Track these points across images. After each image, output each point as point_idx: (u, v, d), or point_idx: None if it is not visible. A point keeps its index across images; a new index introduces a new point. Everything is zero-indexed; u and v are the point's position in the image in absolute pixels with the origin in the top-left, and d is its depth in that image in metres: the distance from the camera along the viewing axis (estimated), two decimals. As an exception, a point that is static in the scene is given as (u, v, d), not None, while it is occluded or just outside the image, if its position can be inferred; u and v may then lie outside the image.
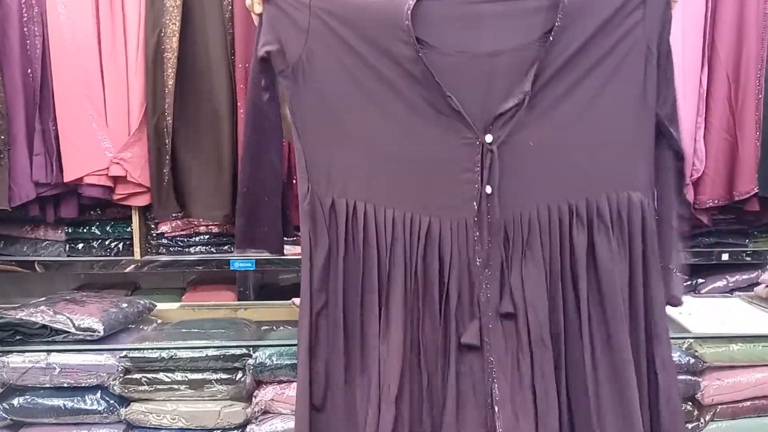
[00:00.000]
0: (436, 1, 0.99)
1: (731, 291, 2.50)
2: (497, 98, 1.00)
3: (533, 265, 1.02)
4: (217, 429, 1.63)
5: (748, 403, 1.69)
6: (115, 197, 2.44)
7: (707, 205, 2.45)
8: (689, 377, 1.65)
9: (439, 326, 1.04)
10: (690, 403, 1.67)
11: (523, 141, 1.01)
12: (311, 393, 1.08)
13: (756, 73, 2.37)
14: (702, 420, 1.67)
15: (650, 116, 1.07)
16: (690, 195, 2.43)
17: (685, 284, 2.64)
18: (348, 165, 1.06)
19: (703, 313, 1.82)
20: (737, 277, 2.58)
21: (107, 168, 2.37)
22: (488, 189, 1.01)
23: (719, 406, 1.68)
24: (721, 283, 2.59)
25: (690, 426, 1.67)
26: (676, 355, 1.63)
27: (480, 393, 1.03)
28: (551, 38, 0.97)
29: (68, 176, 2.36)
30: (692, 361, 1.64)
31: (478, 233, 1.03)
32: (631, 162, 1.05)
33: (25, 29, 2.26)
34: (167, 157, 2.36)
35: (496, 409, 1.02)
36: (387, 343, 1.04)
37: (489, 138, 1.00)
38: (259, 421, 1.66)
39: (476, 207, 1.02)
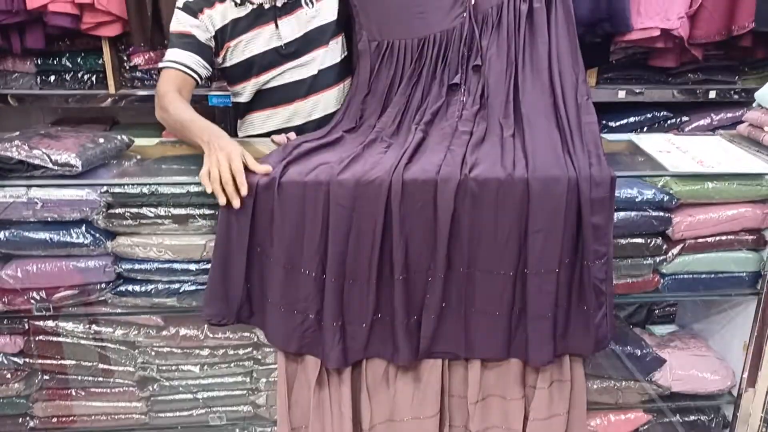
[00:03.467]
0: None
1: (715, 129, 2.51)
2: None
3: (496, 38, 1.77)
4: (203, 261, 1.68)
5: (716, 238, 1.75)
6: (83, 26, 2.32)
7: (701, 41, 2.38)
8: (661, 213, 1.69)
9: (441, 76, 1.81)
10: (659, 238, 1.73)
11: None
12: None
13: None
14: (670, 253, 1.74)
15: None
16: (685, 29, 2.35)
17: (669, 122, 2.65)
18: (388, 18, 1.87)
19: (683, 151, 1.83)
20: (722, 115, 2.58)
21: (72, -6, 2.24)
22: (472, 1, 1.79)
23: (688, 241, 1.74)
24: (705, 122, 2.58)
25: (658, 259, 1.74)
26: (650, 193, 1.66)
27: (453, 110, 1.74)
28: None
29: (31, 3, 2.24)
30: (666, 198, 1.67)
31: (467, 28, 1.79)
32: None
33: None
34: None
35: (463, 115, 1.72)
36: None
37: None
38: (243, 254, 1.71)
39: (466, 12, 1.79)
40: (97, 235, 1.64)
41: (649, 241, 1.72)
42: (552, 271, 1.52)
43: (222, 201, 1.50)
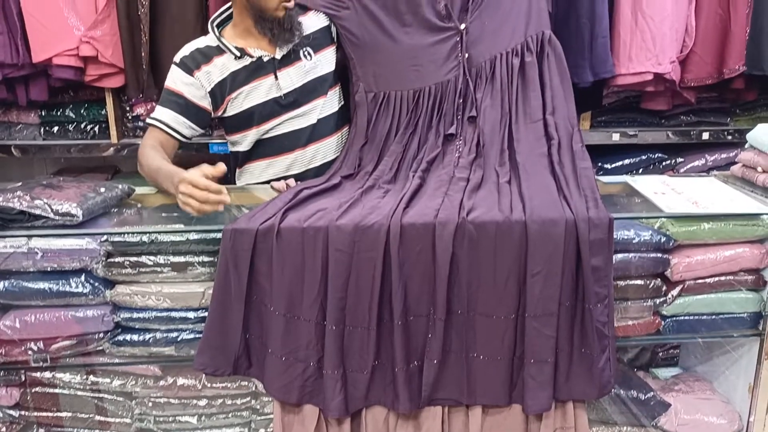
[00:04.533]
0: None
1: (709, 170, 2.53)
2: (461, 6, 1.91)
3: (490, 91, 1.83)
4: (202, 309, 1.67)
5: (715, 279, 1.74)
6: (87, 78, 2.37)
7: (692, 84, 2.42)
8: (659, 255, 1.69)
9: (437, 126, 1.86)
10: (659, 279, 1.73)
11: (479, 25, 1.87)
12: None
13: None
14: (670, 295, 1.74)
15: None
16: (677, 73, 2.39)
17: (664, 164, 2.67)
18: (384, 70, 1.94)
19: (678, 193, 1.84)
20: (716, 155, 2.60)
21: (77, 47, 2.29)
22: (466, 55, 1.86)
23: (687, 282, 1.74)
24: (699, 162, 2.61)
25: (658, 301, 1.74)
26: (647, 234, 1.67)
27: (449, 159, 1.78)
28: None
29: (36, 57, 2.29)
30: (663, 239, 1.67)
31: (461, 81, 1.85)
32: (541, 17, 1.88)
33: None
34: (143, 37, 2.27)
35: (460, 162, 1.77)
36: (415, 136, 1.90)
37: (462, 26, 1.86)
38: (242, 301, 1.70)
39: (460, 65, 1.86)
40: (97, 284, 1.65)
41: (648, 282, 1.72)
42: (552, 314, 1.51)
43: (224, 200, 1.57)
